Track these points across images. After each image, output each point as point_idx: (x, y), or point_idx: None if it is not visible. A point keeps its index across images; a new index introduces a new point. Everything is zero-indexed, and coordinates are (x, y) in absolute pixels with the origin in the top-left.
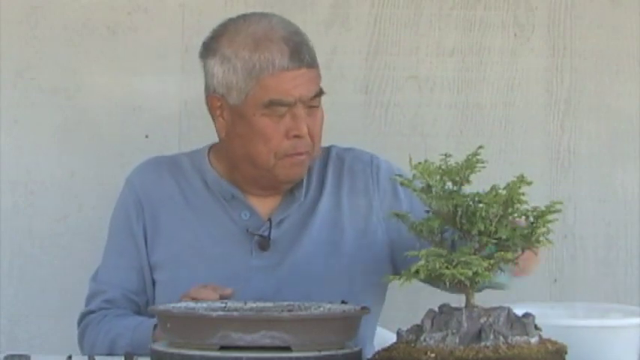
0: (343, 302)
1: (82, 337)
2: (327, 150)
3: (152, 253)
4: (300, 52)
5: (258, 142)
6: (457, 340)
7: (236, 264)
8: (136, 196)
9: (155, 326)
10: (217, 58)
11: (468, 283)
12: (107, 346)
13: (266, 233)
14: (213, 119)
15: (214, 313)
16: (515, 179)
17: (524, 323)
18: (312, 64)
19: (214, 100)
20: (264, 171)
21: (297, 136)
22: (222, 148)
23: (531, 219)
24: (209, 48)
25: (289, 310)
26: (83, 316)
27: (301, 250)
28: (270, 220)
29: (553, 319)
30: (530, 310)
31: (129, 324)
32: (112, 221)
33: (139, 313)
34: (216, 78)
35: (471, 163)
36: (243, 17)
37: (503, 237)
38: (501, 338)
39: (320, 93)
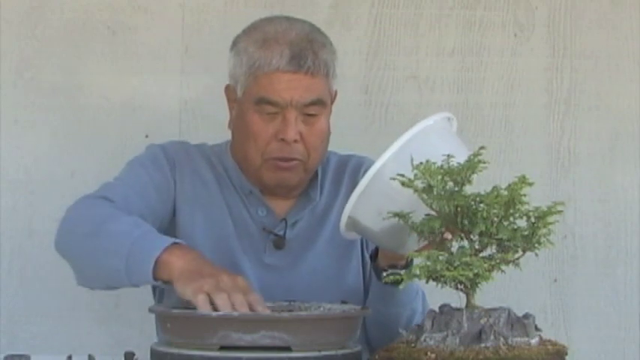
0: (343, 302)
1: (77, 209)
2: (347, 158)
3: (179, 213)
4: (301, 58)
5: (249, 139)
6: (457, 341)
7: (248, 260)
8: (168, 153)
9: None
10: (234, 51)
11: (468, 284)
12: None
13: (282, 232)
14: (229, 111)
15: (214, 313)
16: (516, 180)
17: (524, 324)
18: (315, 73)
19: (229, 90)
20: (253, 170)
21: (283, 140)
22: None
23: (532, 220)
24: (234, 41)
25: (289, 310)
26: (92, 197)
27: (314, 252)
28: (285, 220)
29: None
30: None
31: (141, 230)
32: (133, 163)
33: None
34: (230, 69)
35: (472, 164)
36: (271, 18)
37: (505, 238)
38: (502, 339)
39: (319, 102)
